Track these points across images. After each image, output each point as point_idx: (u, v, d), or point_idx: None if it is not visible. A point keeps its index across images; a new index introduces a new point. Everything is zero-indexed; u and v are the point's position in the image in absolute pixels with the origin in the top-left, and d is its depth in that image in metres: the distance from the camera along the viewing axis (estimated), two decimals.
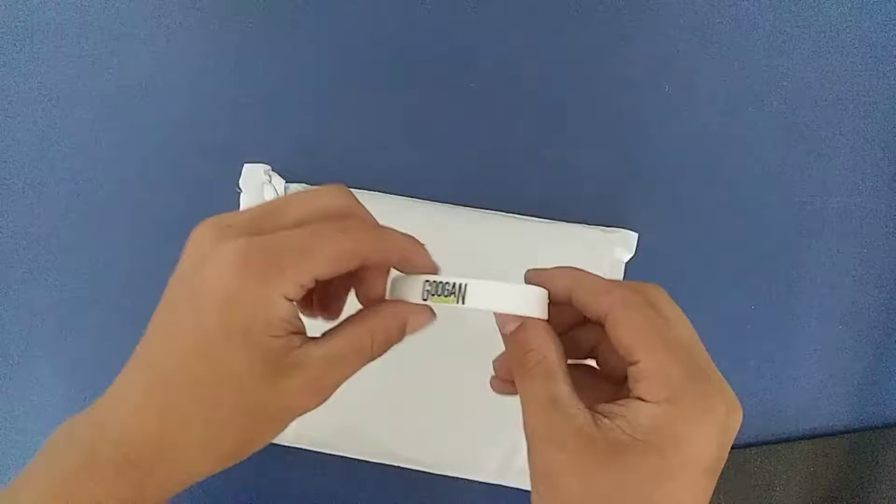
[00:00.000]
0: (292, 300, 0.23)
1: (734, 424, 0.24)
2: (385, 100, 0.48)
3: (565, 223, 0.45)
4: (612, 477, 0.22)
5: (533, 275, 0.27)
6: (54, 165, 0.47)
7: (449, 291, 0.25)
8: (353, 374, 0.26)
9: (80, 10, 0.48)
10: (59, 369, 0.47)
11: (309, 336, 0.25)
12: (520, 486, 0.44)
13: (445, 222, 0.44)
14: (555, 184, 0.47)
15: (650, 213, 0.47)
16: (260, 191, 0.42)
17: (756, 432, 0.47)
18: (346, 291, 0.29)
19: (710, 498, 0.23)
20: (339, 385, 0.25)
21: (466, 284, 0.25)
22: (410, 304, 0.27)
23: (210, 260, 0.23)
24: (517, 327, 0.26)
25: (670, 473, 0.22)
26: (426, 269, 0.27)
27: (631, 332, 0.23)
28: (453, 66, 0.48)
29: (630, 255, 0.45)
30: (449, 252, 0.43)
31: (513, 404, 0.41)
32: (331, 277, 0.24)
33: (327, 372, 0.25)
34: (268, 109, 0.48)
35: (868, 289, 0.48)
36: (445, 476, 0.44)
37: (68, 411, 0.36)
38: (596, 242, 0.44)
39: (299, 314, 0.24)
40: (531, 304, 0.26)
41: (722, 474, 0.47)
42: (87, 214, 0.47)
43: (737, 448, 0.47)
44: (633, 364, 0.23)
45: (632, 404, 0.23)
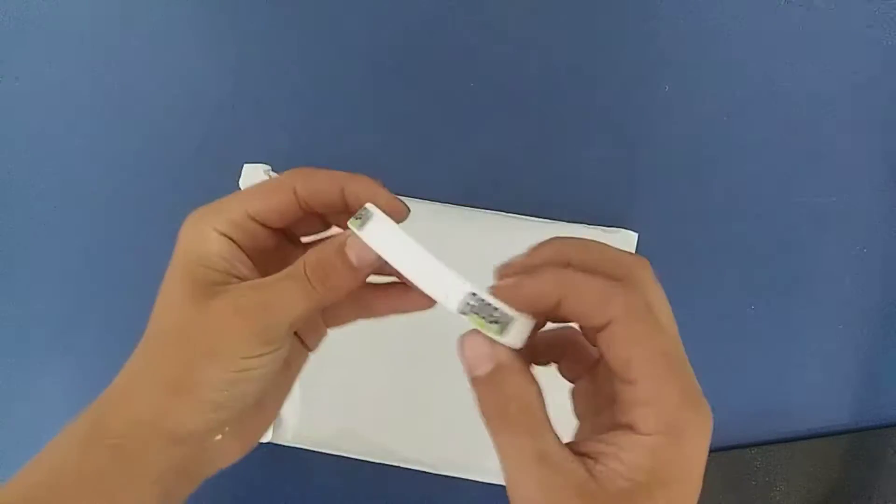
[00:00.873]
0: (228, 236, 0.25)
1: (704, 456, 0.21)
2: (385, 99, 0.48)
3: (565, 223, 0.45)
4: None
5: (511, 285, 0.22)
6: (54, 165, 0.47)
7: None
8: (293, 312, 0.24)
9: (80, 10, 0.48)
10: (60, 369, 0.47)
11: None
12: None
13: (445, 222, 0.44)
14: (555, 184, 0.47)
15: (650, 213, 0.47)
16: None
17: (756, 432, 0.47)
18: (353, 315, 0.29)
19: (712, 498, 0.22)
20: (271, 315, 0.24)
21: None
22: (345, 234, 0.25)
23: (181, 227, 0.26)
24: (492, 371, 0.22)
25: None
26: (374, 200, 0.25)
27: (631, 349, 0.21)
28: (453, 66, 0.48)
29: None
30: (448, 252, 0.44)
31: None
32: (271, 219, 0.25)
33: (252, 295, 0.24)
34: (268, 109, 0.48)
35: (868, 289, 0.48)
36: (445, 476, 0.44)
37: (68, 411, 0.37)
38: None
39: (244, 262, 0.25)
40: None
41: (722, 474, 0.47)
42: (88, 214, 0.47)
43: (737, 448, 0.47)
44: (628, 383, 0.21)
45: (625, 439, 0.20)
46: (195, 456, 0.25)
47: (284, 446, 0.44)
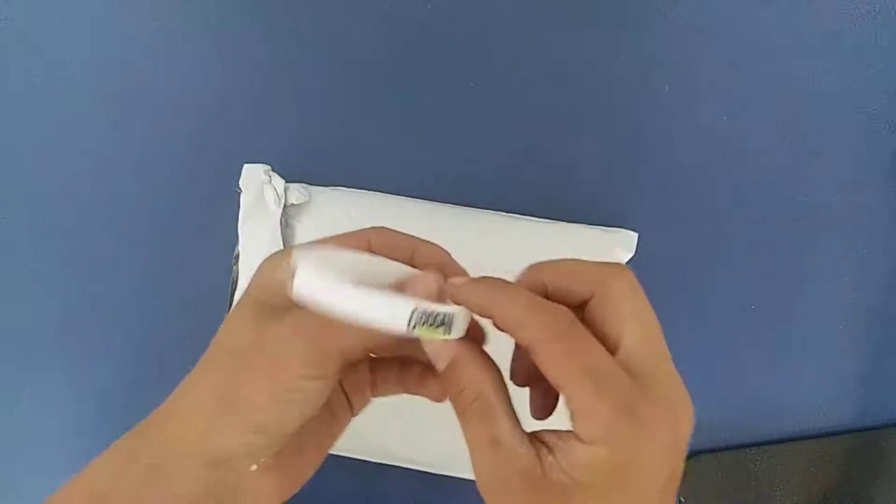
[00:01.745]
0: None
1: (685, 427, 0.22)
2: (385, 99, 0.48)
3: (565, 223, 0.45)
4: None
5: (452, 291, 0.24)
6: (54, 165, 0.47)
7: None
8: (345, 341, 0.24)
9: (79, 11, 0.48)
10: (59, 369, 0.47)
11: None
12: None
13: (444, 222, 0.44)
14: (555, 183, 0.47)
15: (650, 213, 0.47)
16: (260, 191, 0.42)
17: (756, 432, 0.47)
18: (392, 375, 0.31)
19: (713, 498, 0.22)
20: (328, 338, 0.24)
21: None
22: (416, 277, 0.27)
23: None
24: (448, 364, 0.23)
25: None
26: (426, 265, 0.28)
27: (555, 370, 0.22)
28: (453, 66, 0.48)
29: (630, 255, 0.45)
30: (449, 250, 0.44)
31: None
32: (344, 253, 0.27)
33: (313, 318, 0.23)
34: (268, 109, 0.48)
35: (868, 289, 0.48)
36: (445, 476, 0.44)
37: (69, 411, 0.37)
38: (596, 242, 0.44)
39: None
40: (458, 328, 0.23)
41: (722, 474, 0.47)
42: (87, 214, 0.47)
43: (737, 448, 0.47)
44: (567, 399, 0.22)
45: (570, 442, 0.21)
46: (230, 484, 0.25)
47: None
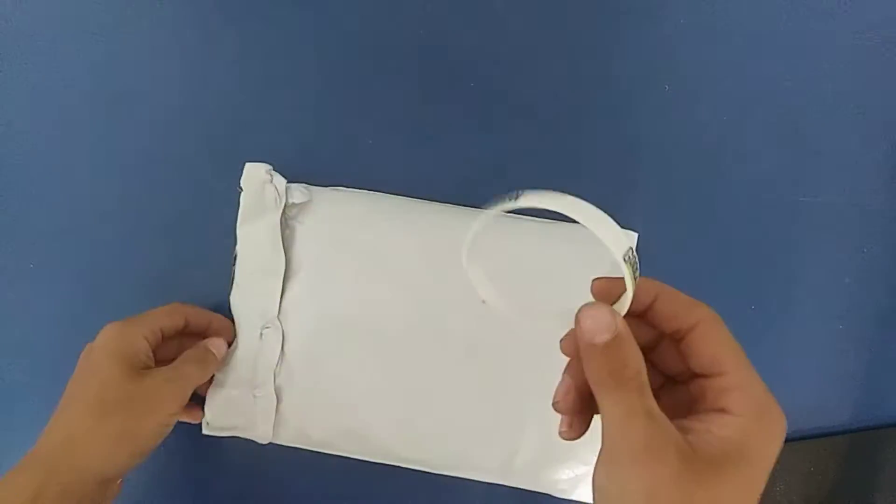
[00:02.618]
0: (147, 339, 0.38)
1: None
2: (385, 99, 0.48)
3: (564, 222, 0.45)
4: (710, 493, 0.22)
5: (605, 282, 0.26)
6: (54, 165, 0.47)
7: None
8: (196, 381, 0.39)
9: (79, 11, 0.48)
10: (59, 369, 0.47)
11: None
12: (521, 486, 0.44)
13: (445, 222, 0.44)
14: (554, 183, 0.47)
15: (650, 213, 0.47)
16: (261, 190, 0.42)
17: None
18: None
19: None
20: (187, 383, 0.38)
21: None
22: (212, 340, 0.41)
23: (101, 331, 0.38)
24: (611, 339, 0.24)
25: (757, 485, 0.23)
26: (220, 332, 0.42)
27: (719, 347, 0.24)
28: (453, 66, 0.48)
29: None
30: (449, 252, 0.44)
31: (510, 404, 0.42)
32: (169, 330, 0.40)
33: (168, 372, 0.37)
34: (268, 109, 0.48)
35: (868, 289, 0.48)
36: (445, 476, 0.44)
37: None
38: (596, 241, 0.44)
39: (152, 356, 0.38)
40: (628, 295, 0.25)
41: None
42: (88, 214, 0.47)
43: None
44: (717, 376, 0.24)
45: (717, 418, 0.23)
46: (103, 495, 0.36)
47: (285, 447, 0.44)
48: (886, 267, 0.48)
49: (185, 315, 0.41)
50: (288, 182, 0.43)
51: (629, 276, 0.24)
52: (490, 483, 0.44)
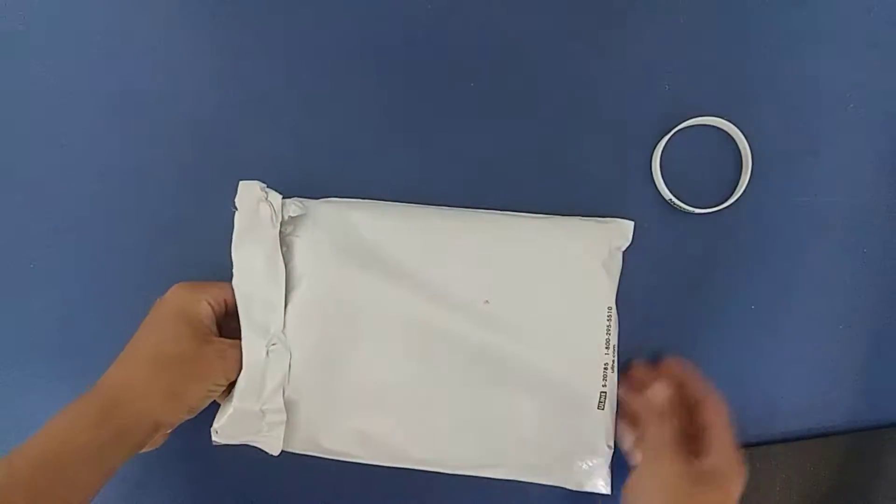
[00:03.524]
0: (212, 306, 0.40)
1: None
2: (385, 100, 0.48)
3: (562, 217, 0.45)
4: (699, 498, 0.37)
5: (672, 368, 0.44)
6: (54, 166, 0.47)
7: None
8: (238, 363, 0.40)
9: (79, 14, 0.48)
10: (59, 369, 0.47)
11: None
12: (535, 481, 0.44)
13: (445, 224, 0.44)
14: (555, 183, 0.47)
15: (650, 213, 0.47)
16: (255, 209, 0.41)
17: (756, 432, 0.47)
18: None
19: None
20: (237, 363, 0.40)
21: None
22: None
23: (171, 290, 0.41)
24: (665, 399, 0.41)
25: (730, 496, 0.38)
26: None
27: (716, 417, 0.40)
28: (453, 66, 0.48)
29: (627, 244, 0.45)
30: (451, 253, 0.44)
31: (522, 400, 0.42)
32: (234, 306, 0.41)
33: (227, 348, 0.40)
34: (267, 110, 0.48)
35: (868, 289, 0.48)
36: (449, 476, 0.44)
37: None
38: (594, 233, 0.44)
39: (216, 323, 0.41)
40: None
41: None
42: (88, 214, 0.47)
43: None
44: (706, 429, 0.39)
45: (704, 457, 0.38)
46: (151, 440, 0.38)
47: (296, 454, 0.43)
48: (886, 267, 0.48)
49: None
50: (285, 198, 0.42)
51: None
52: (500, 479, 0.44)
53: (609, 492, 0.43)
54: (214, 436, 0.41)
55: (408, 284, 0.43)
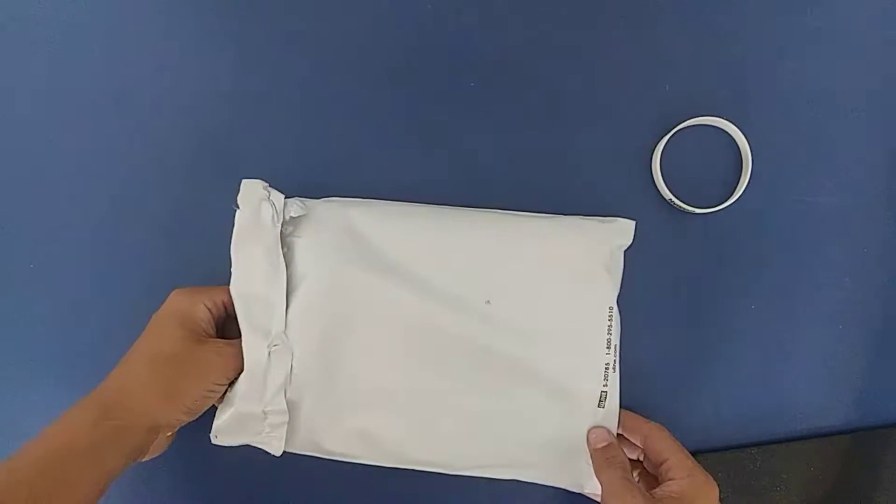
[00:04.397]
0: (208, 309, 0.41)
1: (717, 499, 0.39)
2: (385, 100, 0.48)
3: (563, 216, 0.45)
4: None
5: (632, 424, 0.44)
6: (54, 166, 0.48)
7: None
8: (241, 361, 0.40)
9: (80, 15, 0.48)
10: (59, 369, 0.47)
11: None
12: (535, 481, 0.44)
13: (445, 224, 0.44)
14: (555, 183, 0.47)
15: (650, 213, 0.47)
16: (257, 208, 0.41)
17: (756, 432, 0.47)
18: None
19: None
20: (236, 361, 0.40)
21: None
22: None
23: (169, 295, 0.41)
24: (605, 445, 0.42)
25: None
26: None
27: (662, 445, 0.41)
28: (453, 66, 0.48)
29: (629, 243, 0.45)
30: (452, 253, 0.44)
31: (522, 400, 0.42)
32: (226, 307, 0.42)
33: (224, 346, 0.40)
34: (267, 110, 0.48)
35: (868, 289, 0.48)
36: (450, 476, 0.44)
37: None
38: (596, 232, 0.44)
39: (214, 326, 0.41)
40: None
41: (722, 474, 0.47)
42: (87, 214, 0.47)
43: (737, 448, 0.47)
44: (664, 462, 0.40)
45: (668, 484, 0.39)
46: (153, 442, 0.39)
47: (297, 455, 0.43)
48: (886, 267, 0.48)
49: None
50: (287, 197, 0.42)
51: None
52: (499, 480, 0.44)
53: None
54: (214, 438, 0.41)
55: (409, 284, 0.43)
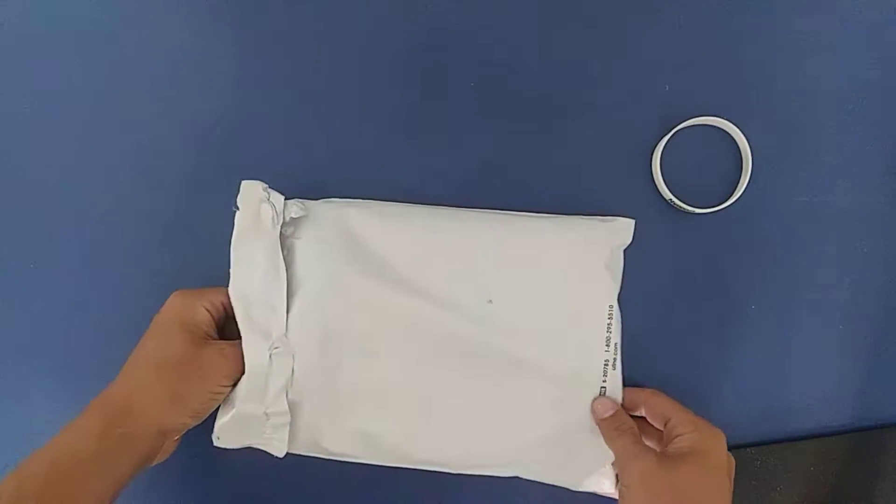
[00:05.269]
0: (210, 311, 0.41)
1: (725, 447, 0.39)
2: (385, 100, 0.48)
3: (564, 216, 0.45)
4: (679, 473, 0.37)
5: (634, 396, 0.44)
6: (54, 166, 0.47)
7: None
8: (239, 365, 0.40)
9: (81, 16, 0.48)
10: (60, 370, 0.47)
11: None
12: (535, 479, 0.44)
13: (445, 224, 0.44)
14: (555, 183, 0.47)
15: (650, 213, 0.47)
16: (257, 209, 0.41)
17: (756, 432, 0.47)
18: None
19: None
20: (239, 362, 0.40)
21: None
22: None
23: (168, 299, 0.41)
24: (612, 414, 0.42)
25: (708, 470, 0.38)
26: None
27: (663, 406, 0.41)
28: (453, 66, 0.48)
29: (629, 242, 0.45)
30: (453, 252, 0.44)
31: (523, 399, 0.43)
32: (226, 308, 0.42)
33: (227, 347, 0.40)
34: (268, 109, 0.48)
35: (868, 289, 0.48)
36: (447, 475, 0.44)
37: (68, 412, 0.37)
38: (596, 231, 0.44)
39: (215, 328, 0.41)
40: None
41: None
42: (87, 214, 0.47)
43: (737, 448, 0.47)
44: (668, 422, 0.40)
45: (676, 441, 0.39)
46: (160, 448, 0.39)
47: (298, 455, 0.43)
48: (886, 267, 0.48)
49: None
50: (287, 199, 0.42)
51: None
52: (499, 478, 0.44)
53: (615, 491, 0.43)
54: (216, 440, 0.41)
55: (410, 285, 0.43)
